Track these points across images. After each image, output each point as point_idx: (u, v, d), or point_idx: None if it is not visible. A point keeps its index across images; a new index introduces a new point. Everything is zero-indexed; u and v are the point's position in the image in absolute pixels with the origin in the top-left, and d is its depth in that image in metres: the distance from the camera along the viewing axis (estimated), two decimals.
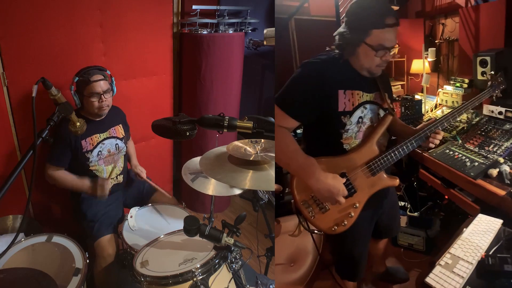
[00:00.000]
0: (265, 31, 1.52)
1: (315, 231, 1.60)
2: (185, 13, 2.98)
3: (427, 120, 2.53)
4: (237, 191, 2.09)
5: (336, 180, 1.42)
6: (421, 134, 1.52)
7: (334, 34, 1.45)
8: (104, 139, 2.28)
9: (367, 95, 1.47)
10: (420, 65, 3.17)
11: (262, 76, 3.84)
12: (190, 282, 1.62)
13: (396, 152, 1.49)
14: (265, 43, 1.55)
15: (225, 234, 1.54)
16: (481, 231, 1.50)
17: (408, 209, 2.67)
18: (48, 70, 2.29)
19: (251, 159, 1.54)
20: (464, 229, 1.53)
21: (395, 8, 3.52)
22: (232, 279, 1.76)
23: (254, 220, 2.98)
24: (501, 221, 1.56)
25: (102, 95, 2.14)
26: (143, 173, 2.45)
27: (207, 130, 1.32)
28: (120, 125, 2.40)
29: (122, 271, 1.99)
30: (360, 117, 1.47)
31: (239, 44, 3.11)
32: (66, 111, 1.55)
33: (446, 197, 2.33)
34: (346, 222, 1.51)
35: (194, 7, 2.84)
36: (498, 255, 1.32)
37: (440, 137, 1.53)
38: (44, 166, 2.17)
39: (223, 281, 1.72)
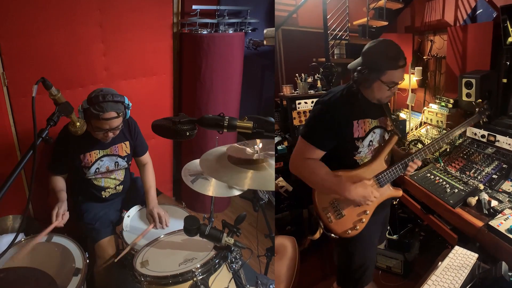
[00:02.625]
0: (265, 31, 1.53)
1: (332, 235, 1.78)
2: (185, 13, 2.98)
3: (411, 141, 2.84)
4: (237, 192, 2.09)
5: (364, 186, 1.67)
6: (423, 149, 1.79)
7: (349, 67, 1.70)
8: (103, 156, 2.18)
9: (374, 121, 1.71)
10: (407, 80, 3.21)
11: (262, 76, 3.84)
12: (190, 282, 1.62)
13: (400, 167, 1.76)
14: (265, 43, 1.56)
15: (225, 234, 1.54)
16: (456, 266, 1.48)
17: (387, 231, 2.62)
18: (48, 70, 2.28)
19: (251, 158, 1.54)
20: (440, 263, 1.52)
21: (384, 23, 3.67)
22: (232, 279, 1.76)
23: (254, 220, 2.98)
24: (476, 255, 1.55)
25: (109, 132, 2.01)
26: (155, 219, 2.13)
27: (207, 130, 1.32)
28: (126, 142, 2.26)
29: (122, 271, 1.99)
30: (371, 141, 1.71)
31: (239, 44, 3.11)
32: (66, 111, 1.55)
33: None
34: (358, 227, 1.75)
35: (194, 7, 2.84)
36: None
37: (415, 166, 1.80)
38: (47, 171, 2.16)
39: (223, 281, 1.72)
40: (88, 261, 1.77)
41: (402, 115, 3.36)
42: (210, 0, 3.07)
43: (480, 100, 2.22)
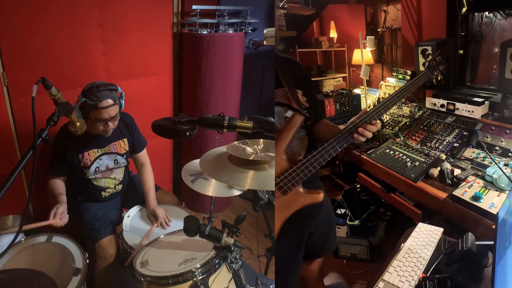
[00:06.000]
0: (265, 31, 1.53)
1: None
2: (185, 13, 2.98)
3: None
4: (237, 192, 2.09)
5: None
6: (344, 134, 1.19)
7: None
8: (102, 154, 2.17)
9: None
10: (360, 55, 2.93)
11: (262, 76, 3.84)
12: (190, 282, 1.62)
13: (313, 161, 1.13)
14: (265, 43, 1.56)
15: (225, 234, 1.54)
16: (420, 244, 1.34)
17: (348, 217, 2.44)
18: (48, 70, 2.28)
19: (251, 159, 1.54)
20: (402, 244, 1.38)
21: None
22: (232, 279, 1.75)
23: (254, 220, 2.98)
24: (441, 229, 1.44)
25: (109, 122, 2.00)
26: (159, 218, 2.17)
27: (207, 130, 1.32)
28: (124, 139, 2.25)
29: (122, 271, 1.99)
30: None
31: (239, 44, 3.11)
32: (66, 111, 1.55)
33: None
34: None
35: (194, 7, 2.84)
36: (437, 275, 1.16)
37: (373, 128, 1.20)
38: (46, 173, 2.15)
39: (223, 281, 1.72)
40: (88, 261, 1.77)
41: (357, 91, 3.10)
42: (210, 0, 3.07)
43: (429, 53, 2.00)
